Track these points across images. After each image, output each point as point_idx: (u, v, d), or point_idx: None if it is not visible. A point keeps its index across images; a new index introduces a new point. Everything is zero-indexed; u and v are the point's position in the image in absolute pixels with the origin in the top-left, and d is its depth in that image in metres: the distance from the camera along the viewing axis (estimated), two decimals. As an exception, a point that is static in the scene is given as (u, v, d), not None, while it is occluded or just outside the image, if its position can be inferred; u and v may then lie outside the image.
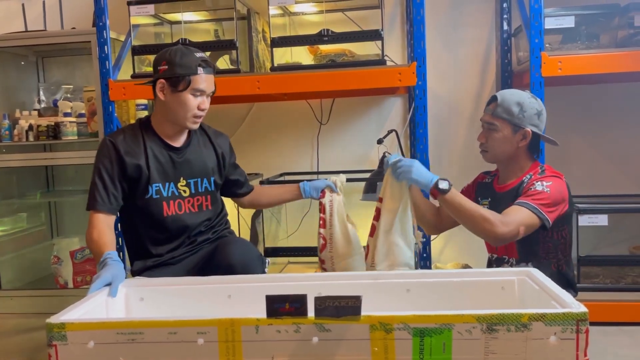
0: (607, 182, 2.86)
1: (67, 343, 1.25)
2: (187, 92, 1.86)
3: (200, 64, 1.86)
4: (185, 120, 1.90)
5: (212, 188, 2.01)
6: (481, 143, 1.97)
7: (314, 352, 1.22)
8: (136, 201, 1.91)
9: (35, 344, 2.47)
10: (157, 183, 1.90)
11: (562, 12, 2.44)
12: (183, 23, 2.73)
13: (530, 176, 1.91)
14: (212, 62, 1.92)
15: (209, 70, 1.89)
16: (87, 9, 3.09)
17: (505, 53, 2.90)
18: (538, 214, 1.77)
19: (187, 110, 1.87)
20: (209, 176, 2.00)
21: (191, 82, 1.85)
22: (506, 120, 1.89)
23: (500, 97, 1.91)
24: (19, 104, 3.18)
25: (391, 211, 1.84)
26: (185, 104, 1.87)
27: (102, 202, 1.84)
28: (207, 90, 1.89)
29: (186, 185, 1.96)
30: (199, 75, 1.86)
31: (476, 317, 1.19)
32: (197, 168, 1.97)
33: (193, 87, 1.86)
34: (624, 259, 2.60)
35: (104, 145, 1.90)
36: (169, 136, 1.95)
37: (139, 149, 1.90)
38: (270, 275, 1.71)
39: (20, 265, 3.18)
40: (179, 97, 1.86)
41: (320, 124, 3.09)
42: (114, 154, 1.87)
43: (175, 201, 1.93)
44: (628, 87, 2.84)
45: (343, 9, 2.88)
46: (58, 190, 3.36)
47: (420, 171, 1.78)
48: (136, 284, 1.65)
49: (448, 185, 1.75)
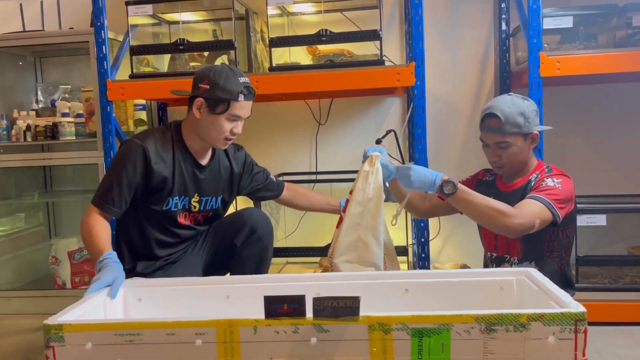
0: (605, 182, 2.86)
1: (64, 344, 1.24)
2: (224, 115, 1.85)
3: (242, 90, 1.85)
4: (216, 142, 1.91)
5: (217, 206, 2.03)
6: (495, 161, 1.93)
7: (313, 353, 1.22)
8: (152, 207, 1.91)
9: (33, 345, 2.46)
10: (176, 196, 1.92)
11: (560, 12, 2.44)
12: (181, 23, 2.72)
13: (537, 175, 1.91)
14: (253, 87, 1.91)
15: (250, 97, 1.89)
16: (85, 9, 3.09)
17: (504, 53, 2.90)
18: (551, 209, 1.76)
19: (220, 133, 1.88)
20: (218, 195, 2.03)
21: (229, 108, 1.84)
22: (516, 134, 1.87)
23: (501, 114, 1.85)
24: (16, 104, 3.17)
25: (359, 204, 1.78)
26: (220, 127, 1.87)
27: (112, 205, 1.83)
28: (243, 116, 1.90)
29: (198, 202, 1.98)
30: (239, 102, 1.85)
31: (475, 317, 1.19)
32: (211, 187, 2.00)
33: (231, 113, 1.85)
34: (623, 259, 2.60)
35: (134, 148, 1.84)
36: (197, 151, 1.95)
37: (169, 159, 1.89)
38: (268, 276, 1.71)
39: (18, 265, 3.17)
40: (215, 119, 1.86)
41: (319, 124, 3.09)
42: (142, 162, 1.83)
43: (183, 213, 1.97)
44: (626, 87, 2.84)
45: (341, 9, 2.88)
46: (56, 190, 3.35)
47: (419, 176, 1.73)
48: (134, 284, 1.65)
49: (453, 187, 1.72)
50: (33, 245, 3.25)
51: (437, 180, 1.72)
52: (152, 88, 2.58)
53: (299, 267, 2.94)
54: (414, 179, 1.73)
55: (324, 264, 2.76)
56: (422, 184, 1.73)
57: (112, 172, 1.85)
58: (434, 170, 1.78)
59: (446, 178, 1.73)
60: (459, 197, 1.73)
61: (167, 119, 3.18)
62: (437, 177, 1.73)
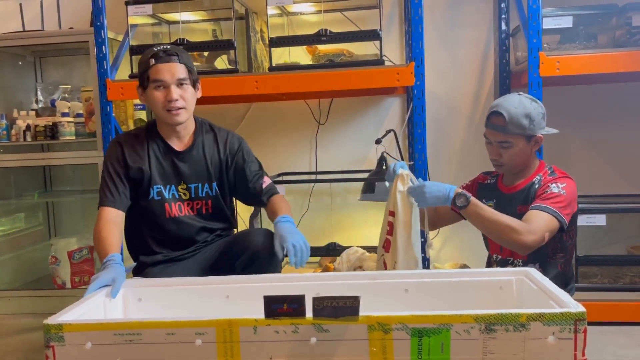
0: (605, 182, 2.86)
1: (64, 344, 1.24)
2: (150, 87, 1.85)
3: (152, 56, 1.83)
4: (165, 117, 1.87)
5: (212, 193, 1.97)
6: (496, 159, 1.94)
7: (312, 353, 1.22)
8: (140, 202, 1.91)
9: (32, 345, 2.46)
10: (159, 185, 1.91)
11: (560, 12, 2.44)
12: (181, 23, 2.72)
13: (540, 177, 1.90)
14: (174, 49, 1.86)
15: (164, 59, 1.84)
16: (85, 8, 3.08)
17: (504, 53, 2.90)
18: (558, 217, 1.77)
19: (158, 106, 1.85)
20: (210, 181, 1.96)
21: (149, 76, 1.84)
22: (519, 135, 1.87)
23: (506, 113, 1.85)
24: (16, 104, 3.17)
25: (407, 224, 1.80)
26: (154, 99, 1.85)
27: (111, 198, 1.86)
28: (166, 79, 1.83)
29: (186, 189, 1.95)
30: (152, 67, 1.83)
31: (474, 317, 1.19)
32: (197, 173, 1.95)
33: (151, 79, 1.84)
34: (622, 259, 2.60)
35: (112, 145, 1.95)
36: (170, 137, 1.94)
37: (142, 151, 1.91)
38: (268, 276, 1.71)
39: (18, 265, 3.17)
40: (147, 96, 1.88)
41: (319, 124, 3.09)
42: (120, 155, 1.90)
43: (176, 203, 1.93)
44: (626, 87, 2.84)
45: (341, 9, 2.88)
46: (56, 190, 3.35)
47: (433, 192, 1.75)
48: (134, 284, 1.65)
49: (465, 199, 1.74)
50: (33, 245, 3.25)
51: (451, 193, 1.75)
52: (152, 88, 2.58)
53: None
54: (428, 197, 1.76)
55: (324, 263, 2.76)
56: (437, 199, 1.76)
57: (102, 173, 1.93)
58: (445, 183, 1.80)
59: (459, 191, 1.76)
60: (470, 210, 1.75)
61: (166, 118, 3.18)
62: (450, 190, 1.76)
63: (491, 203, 2.02)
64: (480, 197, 2.06)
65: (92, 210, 3.09)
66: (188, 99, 1.87)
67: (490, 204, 2.00)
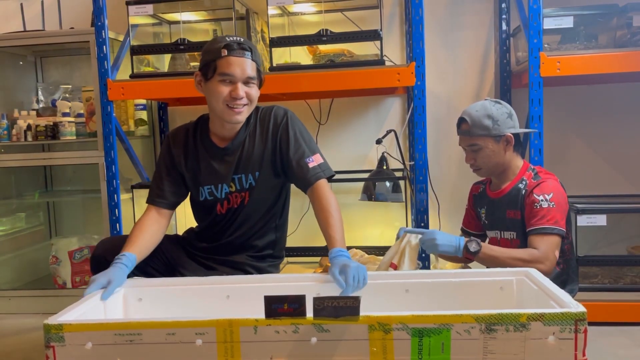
0: (606, 182, 2.86)
1: (64, 344, 1.24)
2: (215, 78, 1.72)
3: (225, 46, 1.70)
4: (223, 113, 1.74)
5: (254, 184, 1.83)
6: (471, 164, 1.99)
7: (313, 353, 1.22)
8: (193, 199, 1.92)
9: (33, 344, 2.46)
10: (209, 185, 1.85)
11: (560, 12, 2.44)
12: (182, 23, 2.72)
13: (525, 182, 1.92)
14: (247, 43, 1.74)
15: (238, 52, 1.71)
16: (86, 8, 3.09)
17: (504, 53, 2.90)
18: (558, 232, 1.82)
19: (219, 100, 1.72)
20: (253, 171, 1.83)
21: (217, 67, 1.71)
22: (484, 136, 1.91)
23: (468, 118, 1.93)
24: (17, 103, 3.18)
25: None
26: (216, 93, 1.72)
27: (152, 195, 1.86)
28: (236, 74, 1.71)
29: (232, 182, 1.85)
30: (223, 58, 1.70)
31: (475, 317, 1.19)
32: (243, 164, 1.83)
33: (220, 72, 1.71)
34: (623, 259, 2.60)
35: (165, 139, 1.93)
36: (219, 133, 1.83)
37: (193, 147, 1.86)
38: (268, 276, 1.71)
39: (19, 265, 3.17)
40: (211, 87, 1.74)
41: (319, 124, 3.09)
42: (168, 149, 1.88)
43: (225, 200, 1.86)
44: (626, 88, 2.84)
45: (342, 9, 2.88)
46: (56, 190, 3.35)
47: (444, 241, 1.80)
48: (134, 284, 1.65)
49: (477, 244, 1.78)
50: (33, 244, 3.25)
51: (461, 243, 1.80)
52: (153, 88, 2.58)
53: (299, 267, 2.94)
54: (440, 246, 1.80)
55: (324, 263, 2.76)
56: (448, 247, 1.80)
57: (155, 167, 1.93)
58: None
59: (468, 239, 1.81)
60: (484, 254, 1.79)
61: (167, 118, 3.18)
62: (460, 240, 1.80)
63: (483, 210, 2.04)
64: (476, 207, 2.09)
65: (92, 210, 3.12)
66: (252, 99, 1.78)
67: (483, 212, 2.03)
